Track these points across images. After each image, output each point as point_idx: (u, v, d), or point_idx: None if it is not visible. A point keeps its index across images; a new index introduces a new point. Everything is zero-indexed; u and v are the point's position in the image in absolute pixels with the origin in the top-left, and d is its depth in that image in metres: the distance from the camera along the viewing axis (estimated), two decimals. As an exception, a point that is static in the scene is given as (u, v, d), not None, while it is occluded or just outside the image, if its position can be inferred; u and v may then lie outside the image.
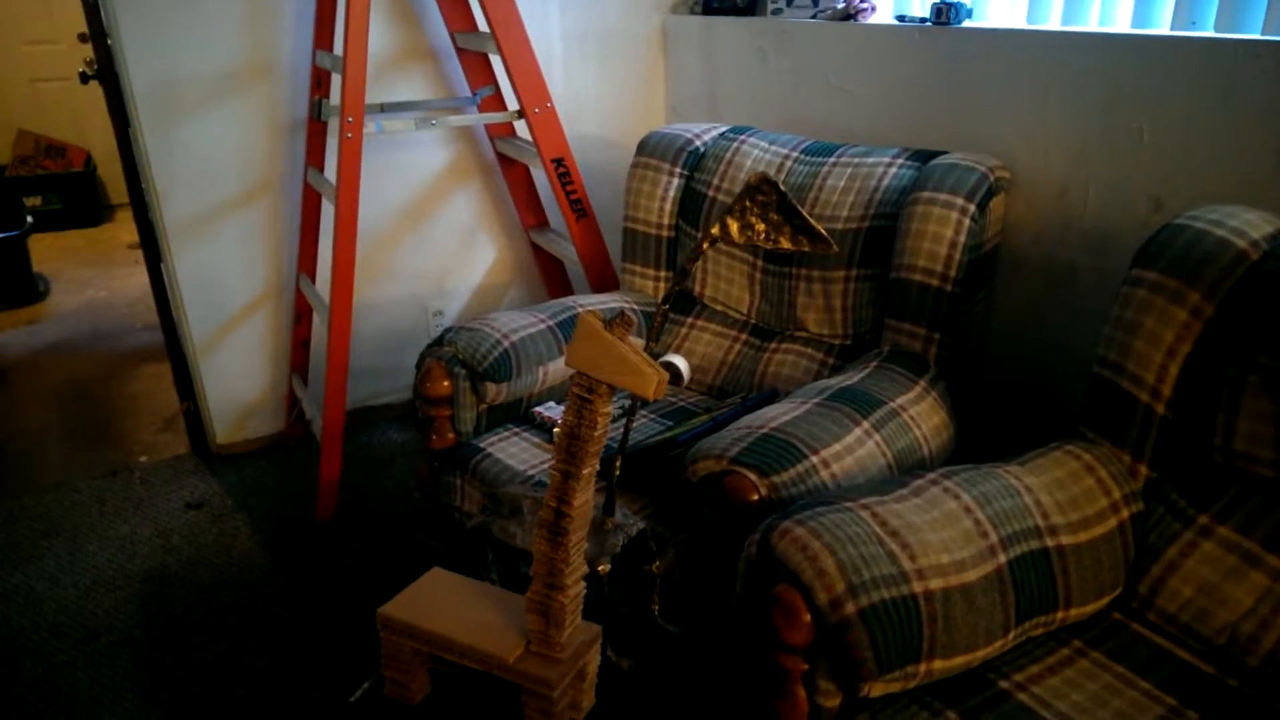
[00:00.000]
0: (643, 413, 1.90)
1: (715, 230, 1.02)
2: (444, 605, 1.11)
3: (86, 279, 4.27)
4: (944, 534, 1.16)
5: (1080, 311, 1.79)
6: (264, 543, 2.22)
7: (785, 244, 1.01)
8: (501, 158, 2.59)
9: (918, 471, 1.28)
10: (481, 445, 1.76)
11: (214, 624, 1.94)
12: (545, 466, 1.69)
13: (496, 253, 2.81)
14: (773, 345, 1.97)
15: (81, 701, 1.75)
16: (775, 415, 1.48)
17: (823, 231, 1.00)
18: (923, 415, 1.57)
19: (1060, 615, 1.22)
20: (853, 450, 1.43)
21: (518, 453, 1.74)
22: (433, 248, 2.70)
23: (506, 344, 1.80)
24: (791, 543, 1.13)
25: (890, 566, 1.10)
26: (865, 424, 1.48)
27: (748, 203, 1.00)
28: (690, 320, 2.11)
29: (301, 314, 2.50)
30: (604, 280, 2.41)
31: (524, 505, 1.28)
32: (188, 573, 2.12)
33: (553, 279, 2.75)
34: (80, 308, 3.92)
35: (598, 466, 1.01)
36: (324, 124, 2.30)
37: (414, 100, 2.45)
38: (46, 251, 4.58)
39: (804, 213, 0.99)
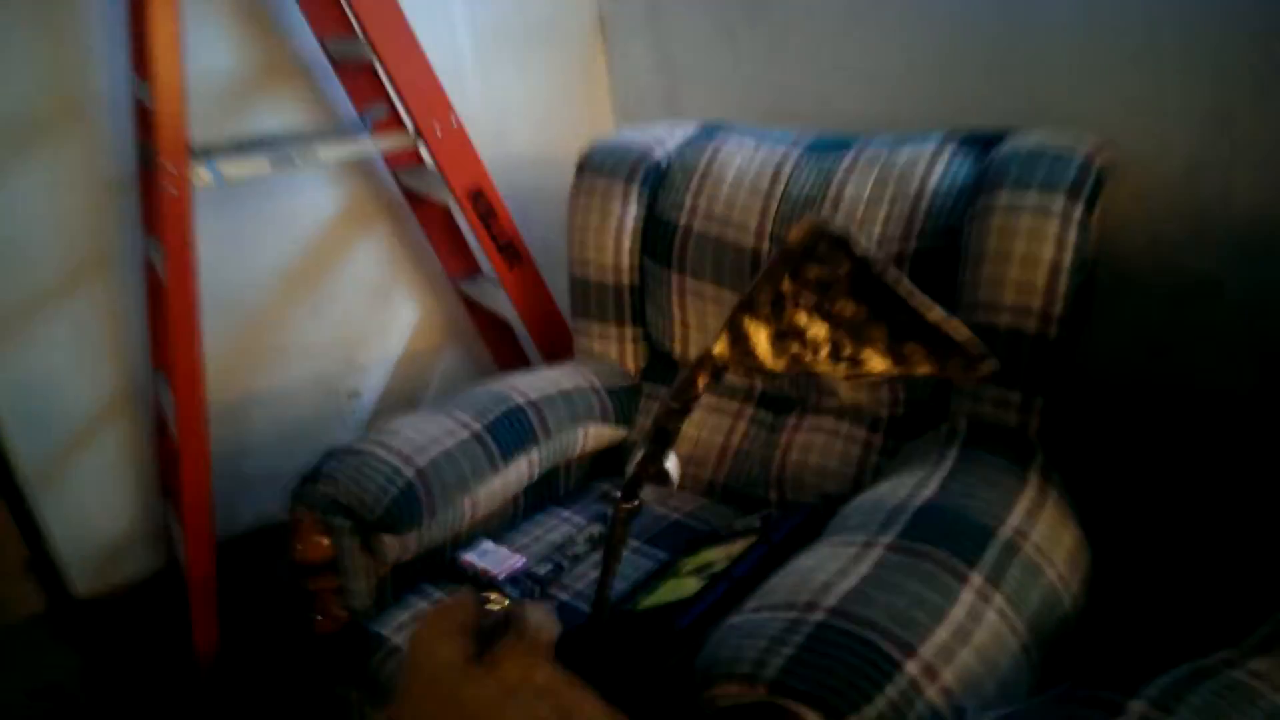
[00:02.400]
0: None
1: (720, 348, 0.47)
2: None
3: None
4: None
5: (1224, 342, 1.25)
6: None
7: (876, 364, 0.45)
8: (410, 194, 2.02)
9: (1117, 688, 0.72)
10: (385, 633, 1.19)
11: None
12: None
13: (420, 312, 2.24)
14: (792, 421, 1.41)
15: None
16: (828, 576, 0.92)
17: (964, 333, 0.45)
18: (1051, 538, 1.01)
19: None
20: (968, 634, 0.87)
21: (440, 639, 1.17)
22: (336, 315, 2.12)
23: (410, 473, 1.23)
24: None
25: None
26: (976, 578, 0.92)
27: (787, 283, 0.45)
28: (673, 393, 1.55)
29: (164, 423, 1.92)
30: (554, 341, 1.86)
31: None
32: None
33: (496, 338, 2.19)
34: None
35: None
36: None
37: (284, 133, 1.88)
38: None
39: (917, 295, 0.44)
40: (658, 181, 1.53)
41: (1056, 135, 1.19)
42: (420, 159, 1.98)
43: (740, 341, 0.47)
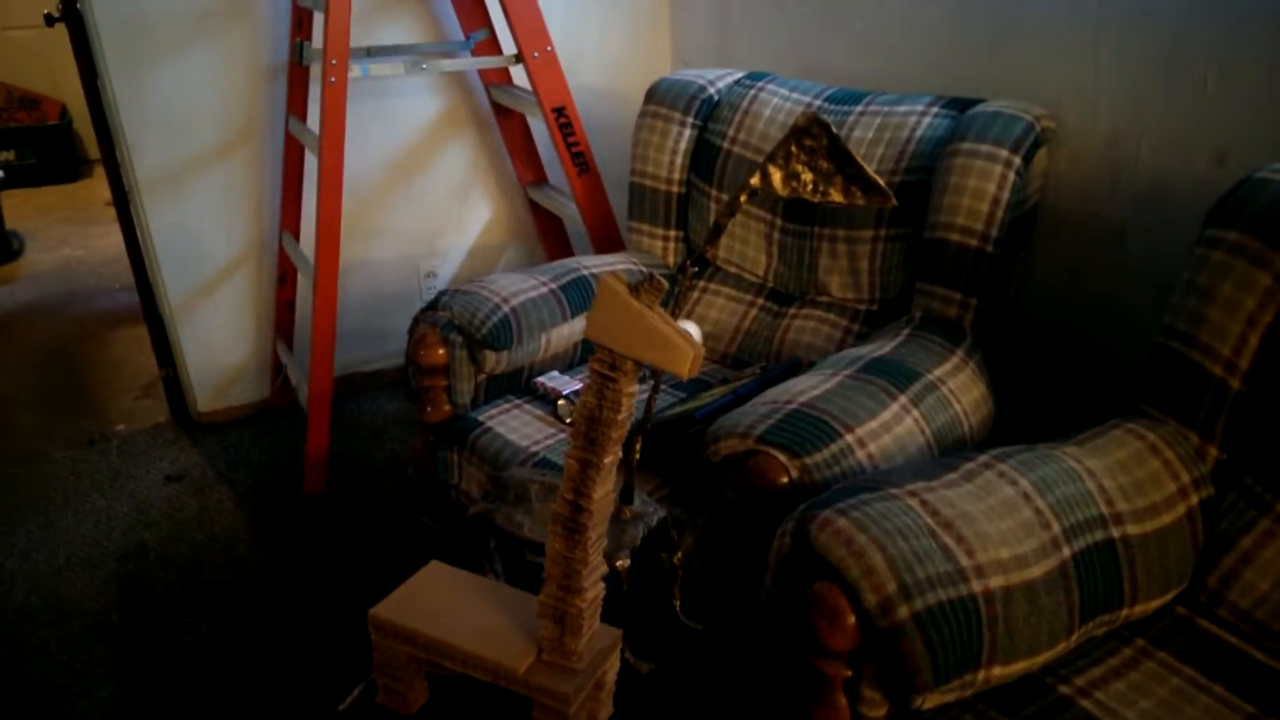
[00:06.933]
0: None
1: (755, 181, 0.88)
2: (443, 605, 0.99)
3: (63, 237, 4.10)
4: (1002, 525, 1.04)
5: (1128, 274, 1.66)
6: (248, 518, 2.10)
7: (836, 196, 0.87)
8: (497, 108, 2.42)
9: (967, 453, 1.16)
10: (480, 419, 1.63)
11: (195, 606, 1.83)
12: (550, 443, 1.56)
13: (492, 211, 2.66)
14: (792, 311, 1.83)
15: (53, 690, 1.64)
16: (803, 388, 1.35)
17: (880, 182, 0.86)
18: (962, 388, 1.44)
19: (1125, 612, 1.11)
20: (890, 428, 1.30)
21: (519, 427, 1.61)
22: (424, 205, 2.55)
23: (506, 309, 1.66)
24: (833, 535, 1.01)
25: (946, 563, 0.98)
26: (903, 398, 1.35)
27: (794, 148, 0.86)
28: (702, 284, 1.97)
29: (285, 275, 2.35)
30: (608, 240, 2.27)
31: (531, 490, 1.15)
32: (168, 549, 2.00)
33: (551, 239, 2.60)
34: (56, 267, 3.76)
35: (620, 454, 0.88)
36: (306, 69, 2.13)
37: (402, 44, 2.28)
38: (20, 208, 4.39)
39: (859, 160, 0.85)
40: (709, 113, 1.93)
41: (1013, 105, 1.59)
42: (510, 78, 2.38)
43: (765, 178, 0.89)
